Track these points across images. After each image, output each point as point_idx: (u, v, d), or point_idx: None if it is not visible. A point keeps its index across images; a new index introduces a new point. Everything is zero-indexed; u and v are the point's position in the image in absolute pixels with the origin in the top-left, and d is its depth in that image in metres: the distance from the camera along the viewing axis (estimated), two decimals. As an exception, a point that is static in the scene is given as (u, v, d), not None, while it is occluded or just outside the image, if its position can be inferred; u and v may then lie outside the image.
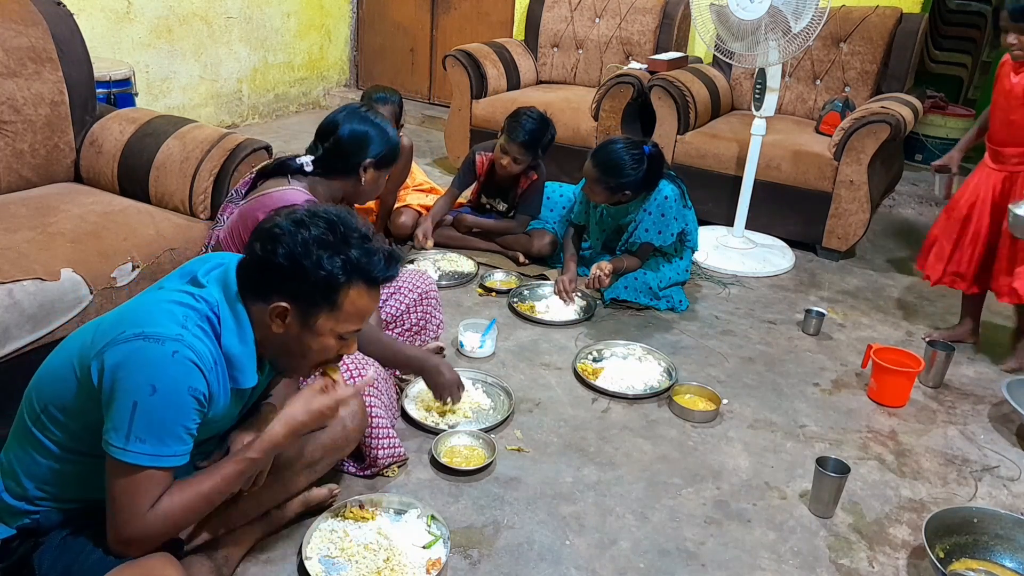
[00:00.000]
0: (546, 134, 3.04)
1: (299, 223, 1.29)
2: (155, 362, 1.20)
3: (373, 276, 1.32)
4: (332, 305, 1.30)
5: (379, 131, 1.97)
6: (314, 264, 1.26)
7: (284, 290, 1.28)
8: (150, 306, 1.28)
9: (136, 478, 1.22)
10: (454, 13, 5.26)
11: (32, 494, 1.32)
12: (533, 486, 1.92)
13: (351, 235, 1.31)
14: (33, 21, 2.36)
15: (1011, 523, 1.77)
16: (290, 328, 1.31)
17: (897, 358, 2.40)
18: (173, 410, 1.21)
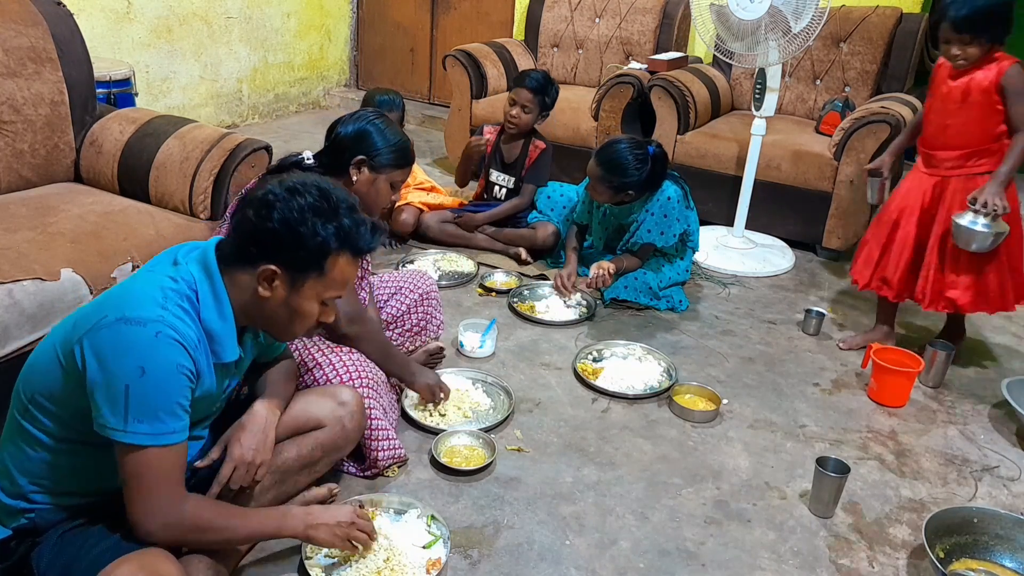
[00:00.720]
0: (552, 86, 3.20)
1: (293, 191, 1.32)
2: (140, 344, 1.22)
3: (360, 246, 1.38)
4: (320, 271, 1.35)
5: (378, 132, 1.93)
6: (310, 231, 1.31)
7: (275, 255, 1.32)
8: (131, 289, 1.30)
9: (144, 459, 1.24)
10: (454, 13, 5.26)
11: (27, 490, 1.32)
12: (533, 486, 1.92)
13: (341, 204, 1.36)
14: (33, 21, 2.36)
15: (1011, 523, 1.77)
16: (277, 292, 1.35)
17: (897, 358, 2.40)
18: (165, 389, 1.24)
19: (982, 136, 2.32)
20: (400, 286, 2.32)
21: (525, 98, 3.14)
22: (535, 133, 3.29)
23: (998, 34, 2.22)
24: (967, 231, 2.28)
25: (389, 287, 2.32)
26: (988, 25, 2.20)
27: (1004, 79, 2.23)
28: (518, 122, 3.18)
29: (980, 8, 2.18)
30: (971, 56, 2.25)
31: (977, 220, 2.26)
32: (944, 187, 2.41)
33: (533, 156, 3.26)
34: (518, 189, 3.32)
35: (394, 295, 2.30)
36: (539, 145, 3.26)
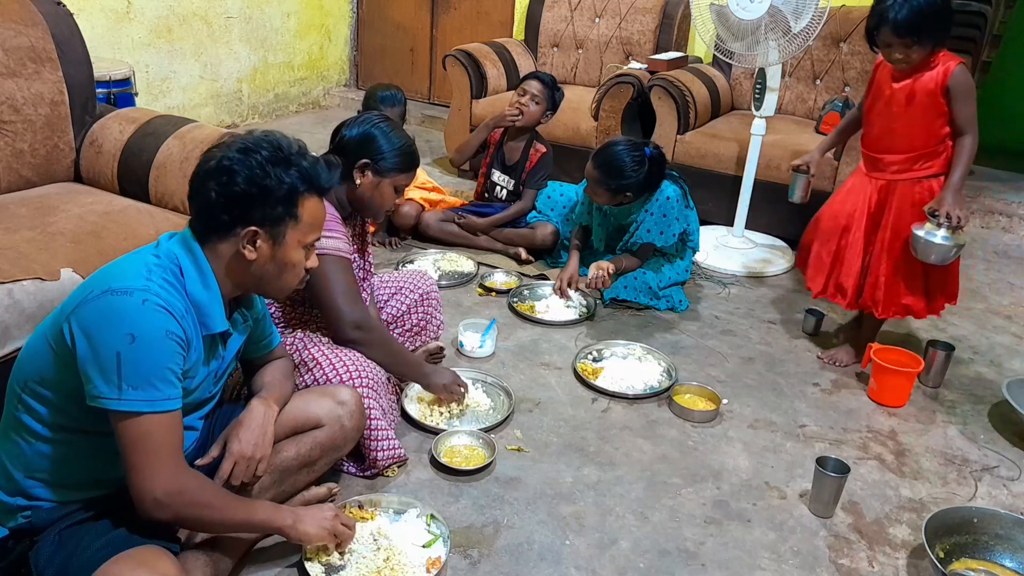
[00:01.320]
0: (556, 86, 3.25)
1: (246, 151, 1.34)
2: (128, 312, 1.23)
3: (322, 184, 1.42)
4: (295, 218, 1.38)
5: (383, 136, 1.93)
6: (275, 182, 1.34)
7: (250, 215, 1.35)
8: (114, 266, 1.33)
9: (143, 427, 1.24)
10: (454, 13, 5.26)
11: (25, 485, 1.32)
12: (533, 486, 1.92)
13: (293, 150, 1.39)
14: (33, 21, 2.36)
15: (1011, 523, 1.77)
16: (262, 251, 1.38)
17: (897, 358, 2.40)
18: (156, 354, 1.24)
19: (928, 139, 2.26)
20: (400, 286, 2.32)
21: (536, 88, 3.16)
22: (537, 136, 3.29)
23: (940, 36, 2.15)
24: (927, 244, 2.21)
25: (389, 287, 2.32)
26: (930, 28, 2.12)
27: (950, 81, 2.16)
28: (526, 111, 3.18)
29: (920, 10, 2.09)
30: (915, 59, 2.18)
31: (936, 232, 2.20)
32: (890, 191, 2.35)
33: (534, 160, 3.26)
34: (517, 191, 3.32)
35: (394, 295, 2.30)
36: (540, 149, 3.27)
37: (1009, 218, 4.08)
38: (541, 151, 3.27)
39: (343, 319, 1.89)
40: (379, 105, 3.16)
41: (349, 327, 1.89)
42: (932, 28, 2.11)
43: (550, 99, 3.20)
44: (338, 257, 1.87)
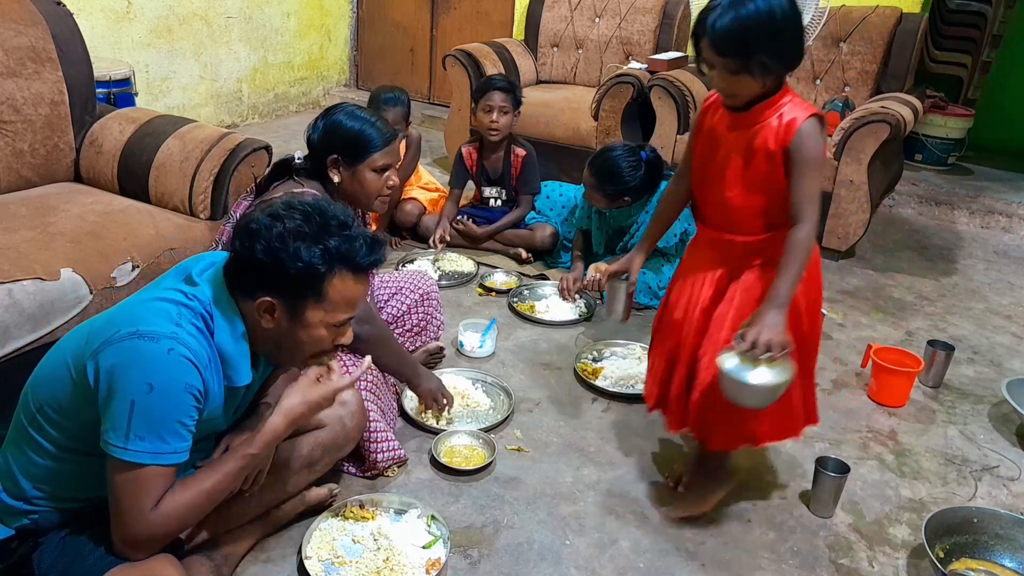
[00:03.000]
0: (515, 84, 3.22)
1: (275, 216, 1.28)
2: (151, 360, 1.20)
3: (356, 262, 1.31)
4: (318, 295, 1.30)
5: (340, 125, 1.85)
6: (292, 256, 1.26)
7: (268, 285, 1.28)
8: (145, 305, 1.28)
9: (139, 476, 1.22)
10: (454, 13, 5.26)
11: (30, 494, 1.32)
12: (533, 486, 1.92)
13: (329, 223, 1.30)
14: (33, 21, 2.36)
15: (1011, 523, 1.77)
16: (279, 322, 1.32)
17: (897, 358, 2.40)
18: (171, 407, 1.22)
19: (778, 215, 1.63)
20: (400, 286, 2.32)
21: (499, 100, 3.11)
22: (513, 140, 3.26)
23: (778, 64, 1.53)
24: (735, 384, 1.55)
25: (389, 287, 2.31)
26: (763, 48, 1.49)
27: (793, 141, 1.54)
28: (499, 127, 3.14)
29: (747, 21, 1.47)
30: (743, 94, 1.57)
31: (746, 368, 1.53)
32: (732, 281, 1.73)
33: (517, 165, 3.24)
34: (511, 198, 3.31)
35: (394, 295, 2.30)
36: (520, 153, 3.23)
37: (1009, 218, 4.09)
38: (522, 155, 3.23)
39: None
40: (381, 106, 3.15)
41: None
42: (766, 50, 1.49)
43: (514, 101, 3.16)
44: None
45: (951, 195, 4.25)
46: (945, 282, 3.36)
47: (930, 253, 3.70)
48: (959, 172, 4.68)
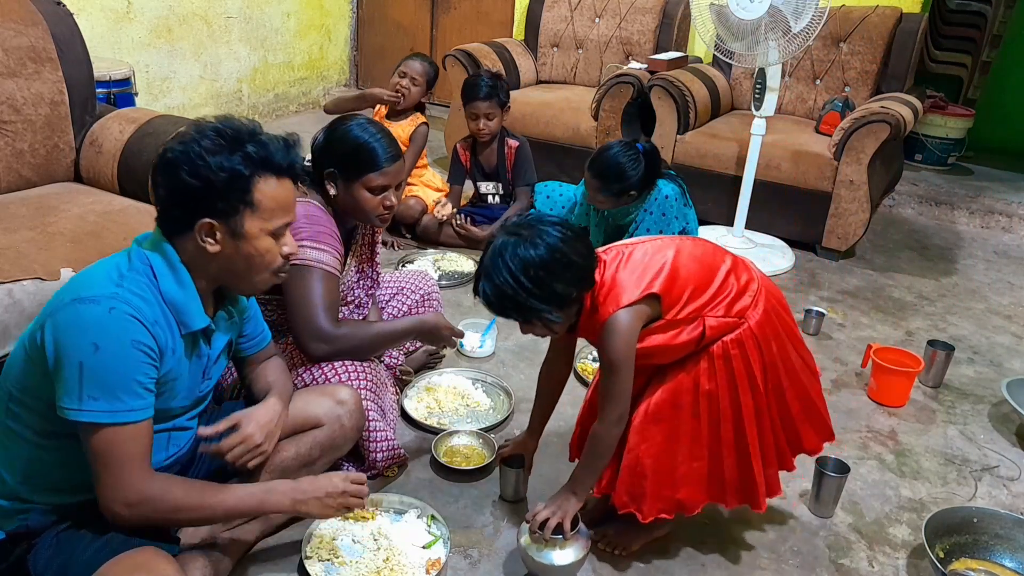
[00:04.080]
0: (499, 82, 3.24)
1: (187, 142, 1.30)
2: (94, 321, 1.21)
3: (276, 164, 1.34)
4: (250, 204, 1.31)
5: (338, 139, 1.84)
6: (216, 169, 1.28)
7: (201, 208, 1.30)
8: (86, 272, 1.31)
9: (105, 437, 1.23)
10: (454, 13, 5.26)
11: (20, 490, 1.32)
12: (533, 486, 1.92)
13: (240, 134, 1.32)
14: (33, 21, 2.36)
15: (1011, 523, 1.77)
16: (224, 244, 1.33)
17: (897, 358, 2.40)
18: (121, 364, 1.22)
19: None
20: (401, 287, 2.32)
21: (484, 108, 3.17)
22: (506, 133, 3.32)
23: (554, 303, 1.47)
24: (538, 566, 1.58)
25: (390, 288, 2.31)
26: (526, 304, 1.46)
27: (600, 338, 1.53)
28: (488, 131, 3.22)
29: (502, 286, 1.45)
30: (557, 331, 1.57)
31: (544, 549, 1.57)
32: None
33: (511, 157, 3.27)
34: (508, 193, 3.32)
35: (395, 295, 2.30)
36: (512, 145, 3.28)
37: (1009, 218, 4.09)
38: (515, 146, 3.29)
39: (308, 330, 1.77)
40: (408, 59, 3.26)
41: (309, 338, 1.77)
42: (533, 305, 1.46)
43: (500, 104, 3.20)
44: (322, 271, 1.78)
45: (951, 195, 4.26)
46: (945, 282, 3.36)
47: (930, 253, 3.70)
48: (959, 172, 4.68)
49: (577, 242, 1.49)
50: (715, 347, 1.55)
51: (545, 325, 1.51)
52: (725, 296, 1.57)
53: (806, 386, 1.66)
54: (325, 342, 1.79)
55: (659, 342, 1.54)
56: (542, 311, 1.47)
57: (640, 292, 1.50)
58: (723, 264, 1.61)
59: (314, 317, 1.77)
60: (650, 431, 1.59)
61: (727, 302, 1.56)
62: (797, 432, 1.69)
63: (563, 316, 1.51)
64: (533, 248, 1.44)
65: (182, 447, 1.48)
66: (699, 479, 1.62)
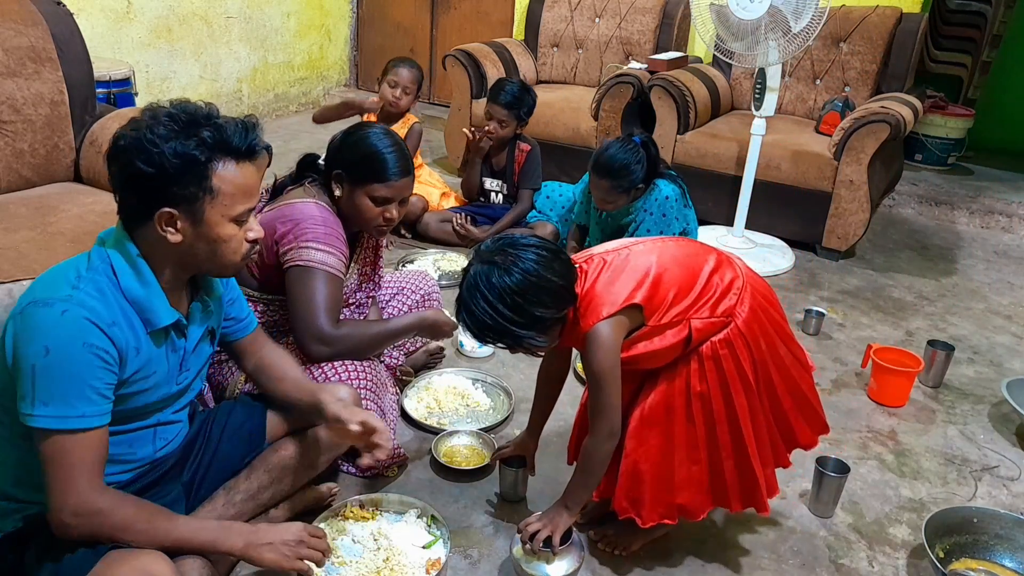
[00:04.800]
0: (527, 97, 3.23)
1: (140, 128, 1.25)
2: (45, 324, 1.19)
3: (233, 147, 1.28)
4: (209, 191, 1.27)
5: (352, 143, 1.84)
6: (170, 155, 1.23)
7: (159, 197, 1.25)
8: (47, 274, 1.28)
9: (55, 444, 1.20)
10: (454, 13, 5.26)
11: (11, 491, 1.31)
12: (533, 486, 1.91)
13: (196, 118, 1.27)
14: (33, 21, 2.36)
15: (1011, 523, 1.77)
16: (185, 233, 1.28)
17: (897, 358, 2.40)
18: (72, 369, 1.19)
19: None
20: (401, 287, 2.32)
21: (500, 114, 3.18)
22: (520, 137, 3.30)
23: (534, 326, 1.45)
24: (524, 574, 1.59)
25: (390, 288, 2.31)
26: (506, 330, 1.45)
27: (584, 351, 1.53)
28: (495, 136, 3.21)
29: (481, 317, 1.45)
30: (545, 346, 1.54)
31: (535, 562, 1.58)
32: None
33: (520, 160, 3.27)
34: (511, 194, 3.32)
35: (396, 295, 2.30)
36: (524, 148, 3.27)
37: (1009, 218, 4.09)
38: (526, 150, 3.29)
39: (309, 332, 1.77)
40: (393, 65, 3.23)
41: (311, 340, 1.78)
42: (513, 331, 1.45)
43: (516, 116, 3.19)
44: (326, 272, 1.78)
45: (951, 195, 4.26)
46: (945, 282, 3.36)
47: (930, 253, 3.70)
48: (959, 172, 4.68)
49: (554, 262, 1.46)
50: (704, 348, 1.54)
51: (529, 350, 1.51)
52: (709, 297, 1.55)
53: (797, 380, 1.65)
54: (325, 344, 1.79)
55: (645, 349, 1.52)
56: (524, 337, 1.45)
57: (620, 303, 1.48)
58: (706, 264, 1.58)
59: (315, 319, 1.77)
60: (645, 435, 1.57)
61: (711, 303, 1.54)
62: (791, 427, 1.67)
63: (547, 338, 1.49)
64: (508, 275, 1.42)
65: (170, 440, 1.47)
66: (700, 483, 1.61)
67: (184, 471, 1.53)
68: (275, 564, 1.34)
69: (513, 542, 1.63)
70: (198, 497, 1.55)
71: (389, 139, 1.86)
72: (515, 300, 1.42)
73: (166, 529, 1.29)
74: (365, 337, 1.88)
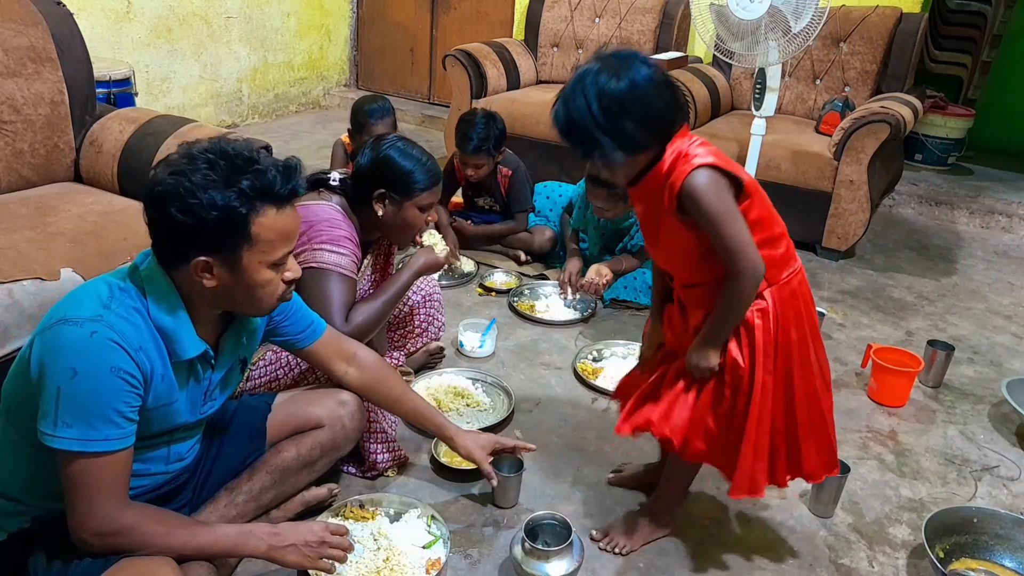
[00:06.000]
0: (491, 132, 3.02)
1: (179, 173, 1.21)
2: (74, 344, 1.17)
3: (275, 194, 1.25)
4: (247, 239, 1.24)
5: (395, 161, 1.86)
6: (208, 207, 1.19)
7: (196, 244, 1.23)
8: (78, 290, 1.27)
9: (76, 466, 1.19)
10: (454, 13, 5.26)
11: (20, 496, 1.31)
12: (533, 486, 1.92)
13: (236, 163, 1.23)
14: (33, 21, 2.36)
15: (1011, 523, 1.77)
16: (221, 278, 1.26)
17: (897, 358, 2.40)
18: (98, 392, 1.18)
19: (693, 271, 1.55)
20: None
21: (472, 161, 3.05)
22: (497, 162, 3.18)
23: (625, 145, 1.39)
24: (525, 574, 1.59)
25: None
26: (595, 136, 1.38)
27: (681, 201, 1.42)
28: (477, 176, 3.12)
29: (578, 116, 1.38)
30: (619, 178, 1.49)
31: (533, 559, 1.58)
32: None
33: (504, 184, 3.19)
34: (504, 206, 3.28)
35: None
36: (506, 173, 3.17)
37: (1009, 218, 4.09)
38: (508, 174, 3.17)
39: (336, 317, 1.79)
40: (368, 120, 3.01)
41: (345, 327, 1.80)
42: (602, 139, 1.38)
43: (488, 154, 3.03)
44: (339, 274, 1.80)
45: (951, 195, 4.26)
46: (945, 282, 3.36)
47: (930, 253, 3.70)
48: (959, 172, 4.68)
49: (665, 89, 1.39)
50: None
51: (604, 162, 1.41)
52: (776, 252, 1.51)
53: (819, 394, 1.58)
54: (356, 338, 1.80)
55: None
56: (603, 146, 1.37)
57: (725, 166, 1.41)
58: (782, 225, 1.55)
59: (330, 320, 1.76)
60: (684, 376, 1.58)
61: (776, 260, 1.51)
62: (798, 444, 1.60)
63: (625, 160, 1.40)
64: (616, 80, 1.36)
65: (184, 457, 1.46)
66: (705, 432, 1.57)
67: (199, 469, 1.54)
68: (298, 565, 1.35)
69: (513, 543, 1.64)
70: (200, 497, 1.55)
71: (415, 148, 1.90)
72: (611, 105, 1.36)
73: (185, 538, 1.29)
74: (376, 311, 1.88)
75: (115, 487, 1.23)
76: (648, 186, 1.47)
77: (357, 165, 1.90)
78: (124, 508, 1.24)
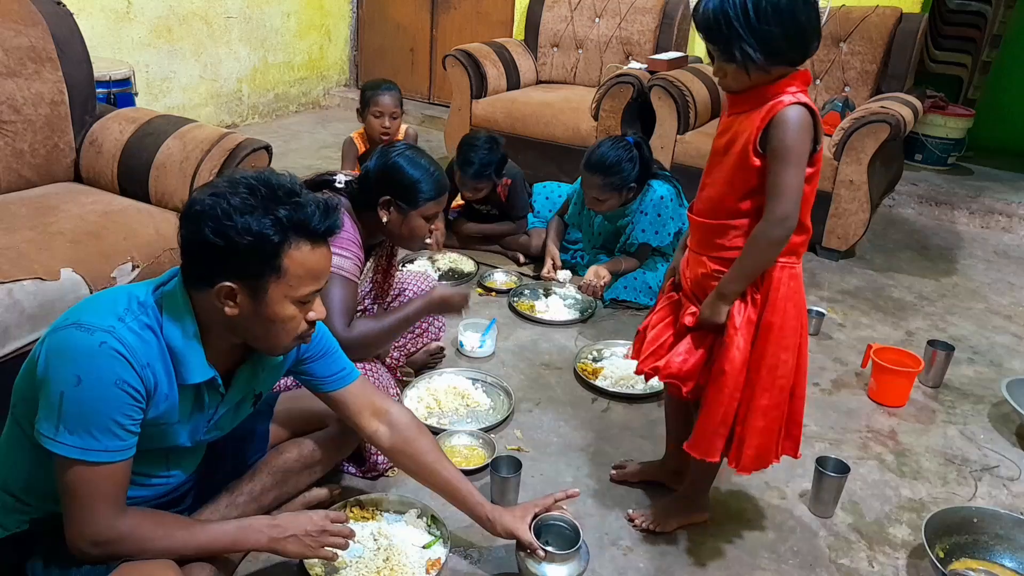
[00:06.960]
0: (494, 158, 2.99)
1: (219, 195, 1.20)
2: (82, 352, 1.17)
3: (311, 229, 1.24)
4: (276, 271, 1.22)
5: (403, 169, 1.86)
6: (241, 231, 1.18)
7: (224, 269, 1.21)
8: (96, 297, 1.26)
9: (75, 474, 1.18)
10: (454, 13, 5.26)
11: (22, 495, 1.31)
12: (533, 486, 1.92)
13: (276, 193, 1.22)
14: (33, 21, 2.36)
15: (1011, 523, 1.77)
16: (243, 307, 1.24)
17: (897, 358, 2.40)
18: (100, 403, 1.17)
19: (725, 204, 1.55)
20: (403, 287, 2.32)
21: (472, 186, 3.04)
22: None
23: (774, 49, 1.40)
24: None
25: (392, 289, 2.31)
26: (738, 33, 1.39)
27: (771, 125, 1.43)
28: (474, 198, 3.13)
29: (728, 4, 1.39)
30: (739, 82, 1.47)
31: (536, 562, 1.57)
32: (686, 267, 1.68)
33: (504, 193, 3.17)
34: (502, 210, 3.27)
35: (397, 296, 2.30)
36: (506, 182, 3.15)
37: (1009, 218, 4.09)
38: (507, 183, 3.15)
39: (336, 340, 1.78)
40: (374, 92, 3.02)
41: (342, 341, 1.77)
42: (744, 37, 1.40)
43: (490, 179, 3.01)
44: (341, 277, 1.80)
45: (951, 195, 4.26)
46: (945, 282, 3.36)
47: (930, 253, 3.70)
48: (959, 172, 4.69)
49: (813, 11, 1.42)
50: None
51: (741, 59, 1.40)
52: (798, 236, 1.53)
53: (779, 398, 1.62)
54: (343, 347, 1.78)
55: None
56: (744, 41, 1.38)
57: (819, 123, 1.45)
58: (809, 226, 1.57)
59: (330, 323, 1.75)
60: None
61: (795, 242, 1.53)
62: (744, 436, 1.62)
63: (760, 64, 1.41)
64: None
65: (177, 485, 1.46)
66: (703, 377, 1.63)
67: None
68: (300, 555, 1.36)
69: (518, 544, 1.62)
70: (202, 501, 1.55)
71: (423, 158, 1.90)
72: (767, 7, 1.37)
73: (185, 539, 1.29)
74: (379, 332, 1.89)
75: (112, 496, 1.22)
76: (750, 100, 1.48)
77: (365, 169, 1.91)
78: (121, 515, 1.24)
